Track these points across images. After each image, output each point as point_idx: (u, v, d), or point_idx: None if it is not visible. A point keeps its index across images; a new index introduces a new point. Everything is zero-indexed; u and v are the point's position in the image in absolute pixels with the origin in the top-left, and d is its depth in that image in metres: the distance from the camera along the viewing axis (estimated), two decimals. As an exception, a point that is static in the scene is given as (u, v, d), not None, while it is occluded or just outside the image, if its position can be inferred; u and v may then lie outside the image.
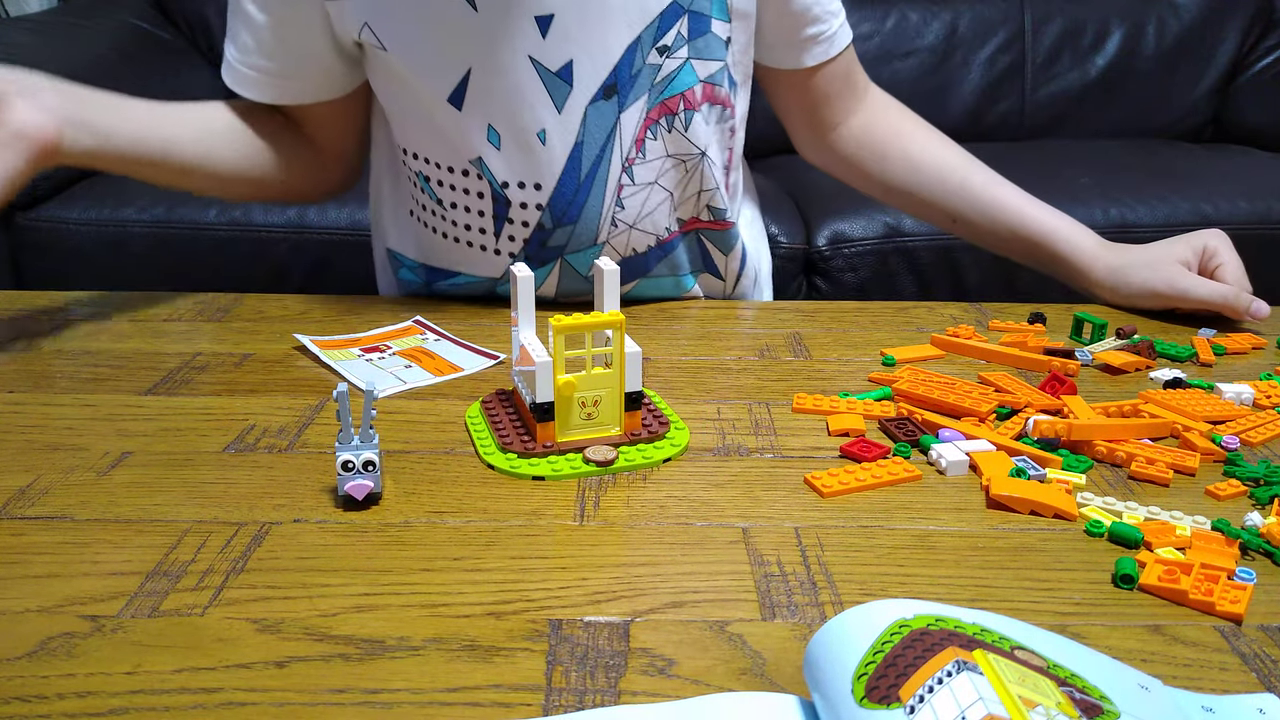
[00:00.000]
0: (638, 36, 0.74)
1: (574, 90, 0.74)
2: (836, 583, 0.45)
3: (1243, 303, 0.77)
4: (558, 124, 0.75)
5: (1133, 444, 0.57)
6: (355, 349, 0.71)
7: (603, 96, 0.75)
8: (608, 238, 0.80)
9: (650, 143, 0.78)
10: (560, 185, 0.77)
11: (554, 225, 0.78)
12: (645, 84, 0.75)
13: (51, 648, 0.39)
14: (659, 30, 0.74)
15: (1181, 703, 0.36)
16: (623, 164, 0.77)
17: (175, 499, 0.51)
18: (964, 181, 0.88)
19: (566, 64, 0.73)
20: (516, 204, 0.78)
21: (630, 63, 0.74)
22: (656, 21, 0.74)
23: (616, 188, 0.78)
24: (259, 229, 1.57)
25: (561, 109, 0.74)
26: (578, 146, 0.76)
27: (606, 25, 0.73)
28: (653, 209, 0.80)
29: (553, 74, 0.73)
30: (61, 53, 1.81)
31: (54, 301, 0.81)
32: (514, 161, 0.76)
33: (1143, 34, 2.15)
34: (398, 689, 0.38)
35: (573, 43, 0.73)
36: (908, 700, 0.31)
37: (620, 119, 0.76)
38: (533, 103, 0.74)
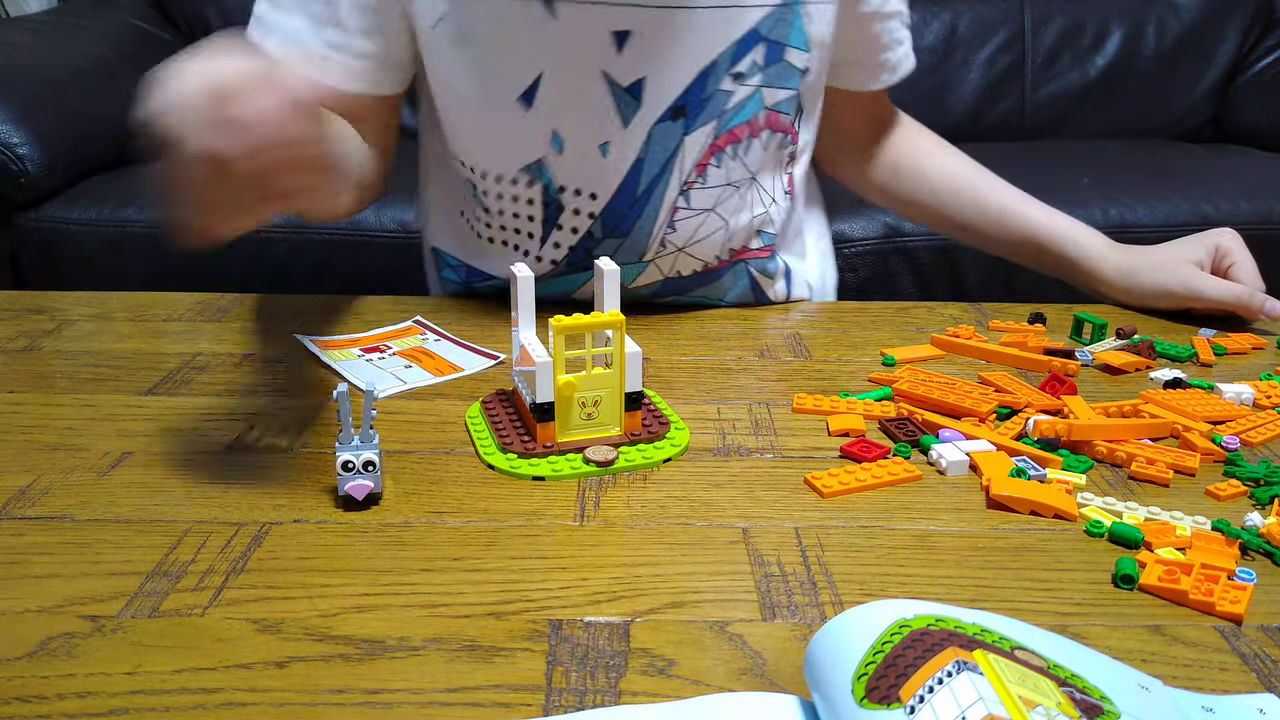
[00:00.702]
0: (713, 61, 0.73)
1: (642, 108, 0.74)
2: (836, 583, 0.45)
3: (1257, 302, 0.77)
4: (621, 138, 0.74)
5: (1133, 444, 0.57)
6: (355, 349, 0.71)
7: (670, 117, 0.74)
8: (654, 257, 0.79)
9: (713, 169, 0.77)
10: (616, 198, 0.76)
11: (604, 235, 0.78)
12: (715, 109, 0.75)
13: (52, 648, 0.39)
14: (735, 56, 0.74)
15: (1181, 703, 0.36)
16: (681, 186, 0.77)
17: (175, 499, 0.51)
18: (974, 190, 0.89)
19: (638, 81, 0.73)
20: (570, 209, 0.77)
21: (702, 87, 0.74)
22: (733, 48, 0.74)
23: (671, 209, 0.77)
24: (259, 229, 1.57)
25: (627, 124, 0.74)
26: (638, 163, 0.75)
27: (684, 47, 0.72)
28: (705, 236, 0.79)
29: (623, 89, 0.73)
30: (61, 53, 1.81)
31: (54, 301, 0.81)
32: (574, 168, 0.76)
33: (1143, 34, 2.15)
34: (398, 689, 0.38)
35: (647, 61, 0.72)
36: (908, 700, 0.31)
37: (684, 141, 0.75)
38: (599, 115, 0.74)
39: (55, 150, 1.60)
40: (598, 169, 0.75)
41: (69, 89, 1.71)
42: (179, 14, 2.13)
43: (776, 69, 0.76)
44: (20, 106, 1.58)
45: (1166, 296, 0.80)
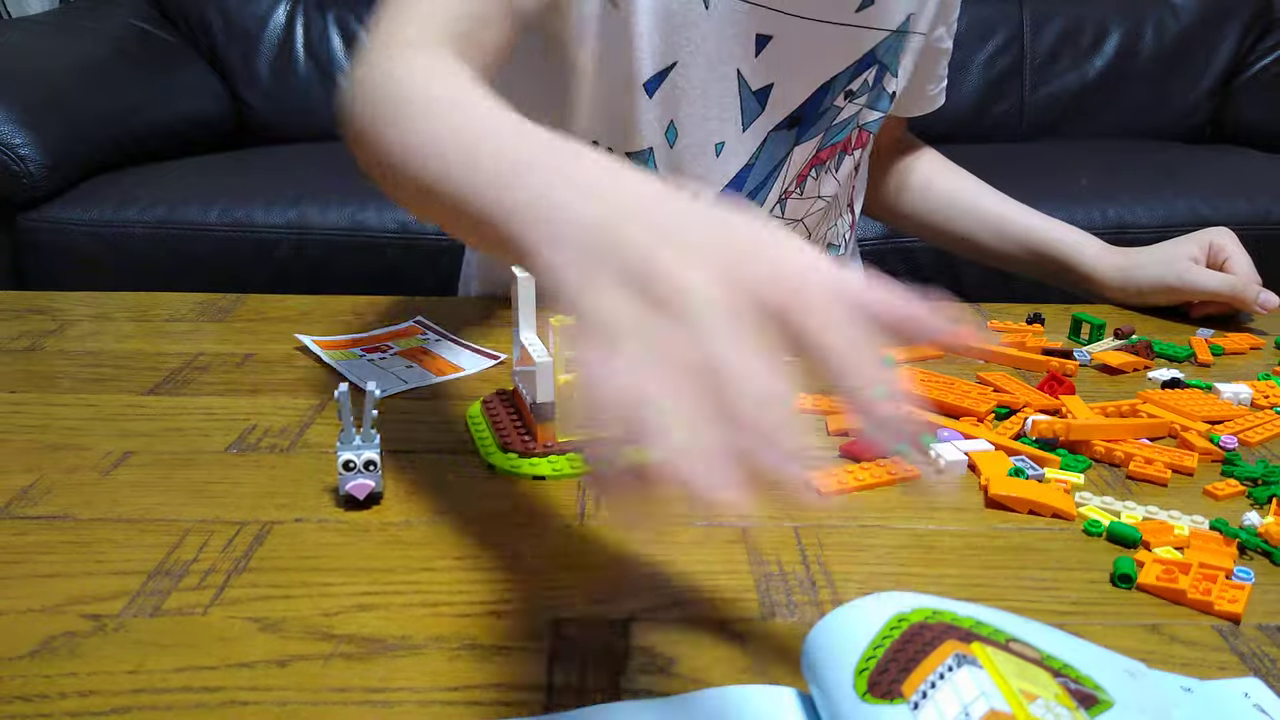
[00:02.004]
0: (834, 77, 0.75)
1: (764, 113, 0.75)
2: (836, 582, 0.45)
3: (1251, 293, 0.78)
4: (737, 141, 0.75)
5: (1131, 444, 0.57)
6: (356, 349, 0.72)
7: (786, 125, 0.75)
8: None
9: (810, 181, 0.79)
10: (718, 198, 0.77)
11: None
12: (825, 123, 0.77)
13: (54, 647, 0.40)
14: (852, 75, 0.76)
15: (1166, 686, 0.37)
16: (780, 195, 0.78)
17: (177, 499, 0.51)
18: (975, 204, 0.92)
19: (766, 86, 0.73)
20: None
21: (820, 100, 0.75)
22: (853, 67, 0.76)
23: (767, 217, 0.78)
24: (260, 229, 1.58)
25: (746, 128, 0.75)
26: (747, 167, 0.76)
27: (813, 59, 0.74)
28: None
29: (751, 92, 0.73)
30: (62, 53, 1.81)
31: (55, 302, 0.81)
32: (680, 164, 0.75)
33: (1141, 34, 2.15)
34: (399, 687, 0.38)
35: (779, 68, 0.73)
36: (911, 696, 0.31)
37: (793, 151, 0.77)
38: (722, 114, 0.74)
39: (57, 151, 1.60)
40: (707, 168, 0.75)
41: (70, 89, 1.71)
42: (179, 14, 2.13)
43: (877, 91, 0.79)
44: (22, 107, 1.58)
45: (1163, 291, 0.81)
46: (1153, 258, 0.82)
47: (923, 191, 0.94)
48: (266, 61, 2.12)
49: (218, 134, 2.02)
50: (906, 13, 0.77)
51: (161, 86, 1.90)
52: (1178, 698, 0.36)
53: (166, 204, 1.59)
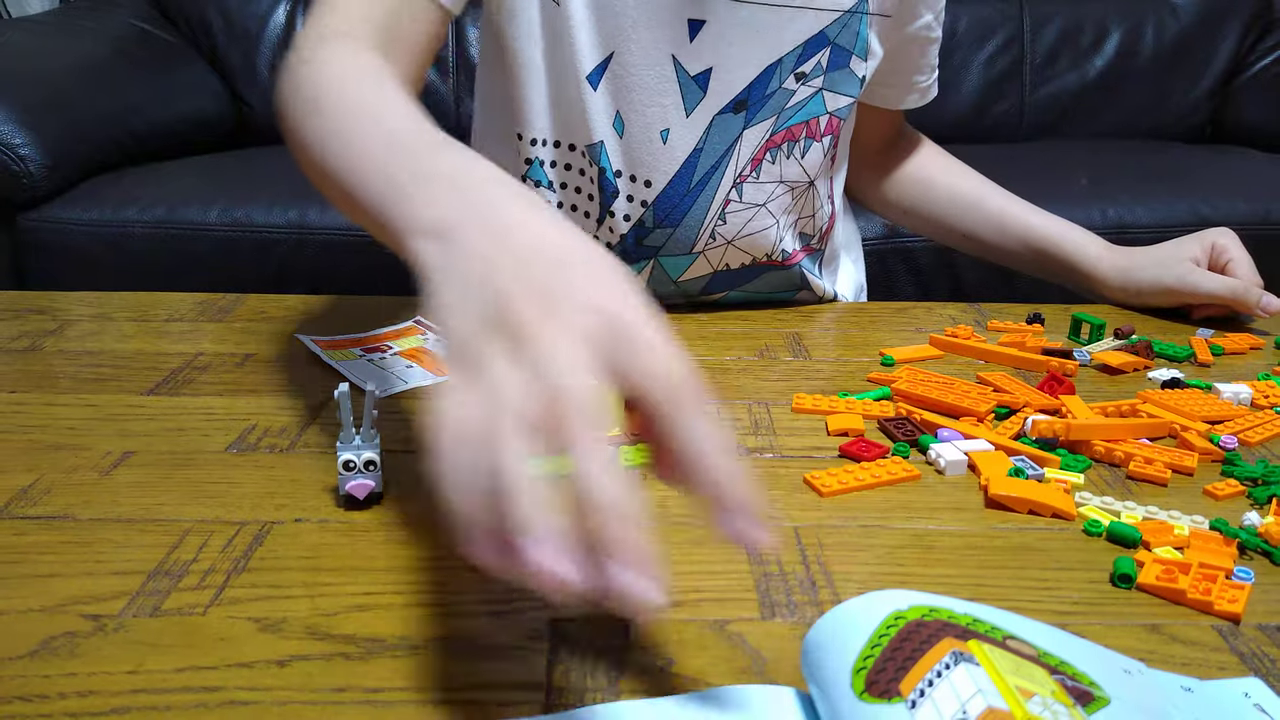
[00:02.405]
0: (779, 59, 0.75)
1: (706, 98, 0.75)
2: (836, 582, 0.45)
3: (1253, 296, 0.78)
4: (682, 127, 0.76)
5: (1131, 444, 0.57)
6: (356, 349, 0.72)
7: (732, 110, 0.76)
8: (704, 249, 0.80)
9: (767, 165, 0.78)
10: (670, 187, 0.77)
11: (654, 225, 0.79)
12: (775, 106, 0.77)
13: (53, 647, 0.40)
14: (801, 57, 0.76)
15: (1164, 685, 0.37)
16: (735, 180, 0.78)
17: (177, 498, 0.51)
18: (977, 201, 0.91)
19: (705, 71, 0.74)
20: (624, 195, 0.78)
21: (765, 83, 0.75)
22: (801, 48, 0.75)
23: (723, 202, 0.78)
24: (260, 229, 1.58)
25: (690, 113, 0.75)
26: (696, 153, 0.76)
27: (753, 42, 0.74)
28: (755, 231, 0.80)
29: (690, 78, 0.74)
30: (62, 53, 1.81)
31: (55, 301, 0.81)
32: (631, 153, 0.77)
33: (1141, 34, 2.15)
34: (399, 688, 0.38)
35: (716, 52, 0.74)
36: (908, 694, 0.31)
37: (743, 135, 0.77)
38: (664, 101, 0.75)
39: (57, 151, 1.60)
40: (655, 155, 0.76)
41: (70, 89, 1.71)
42: (179, 14, 2.13)
43: (840, 75, 0.78)
44: (22, 107, 1.58)
45: (1164, 293, 0.81)
46: (1152, 259, 0.82)
47: (924, 186, 0.94)
48: (266, 61, 2.12)
49: (218, 134, 2.02)
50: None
51: (161, 86, 1.90)
52: (1177, 697, 0.36)
53: (166, 204, 1.59)
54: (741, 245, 0.81)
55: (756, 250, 0.81)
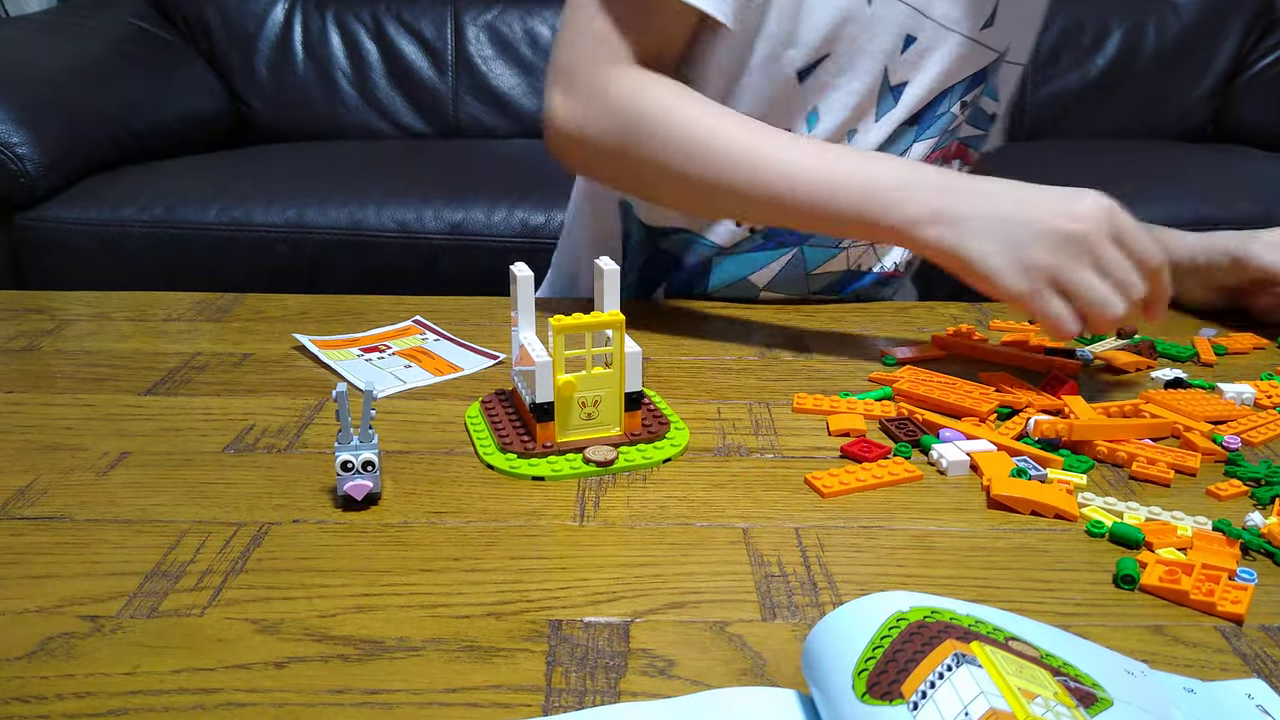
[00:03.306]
0: (954, 85, 0.79)
1: (895, 109, 0.78)
2: (837, 583, 0.45)
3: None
4: (869, 131, 0.79)
5: (1134, 444, 0.57)
6: (355, 349, 0.71)
7: (909, 122, 0.79)
8: (850, 244, 0.83)
9: None
10: None
11: None
12: (939, 127, 0.81)
13: (51, 648, 0.39)
14: (968, 87, 0.80)
15: (1168, 686, 0.37)
16: None
17: (174, 499, 0.51)
18: None
19: (902, 84, 0.78)
20: None
21: (939, 104, 0.79)
22: (969, 79, 0.80)
23: None
24: (259, 229, 1.57)
25: (879, 120, 0.79)
26: None
27: (941, 66, 0.77)
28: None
29: (890, 87, 0.77)
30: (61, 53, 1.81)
31: (53, 301, 0.81)
32: None
33: (1142, 34, 2.15)
34: (397, 689, 0.37)
35: (915, 68, 0.77)
36: (910, 696, 0.31)
37: (912, 148, 0.81)
38: (862, 105, 0.78)
39: (55, 150, 1.60)
40: None
41: (69, 89, 1.71)
42: (179, 14, 2.13)
43: (976, 111, 0.83)
44: (20, 106, 1.58)
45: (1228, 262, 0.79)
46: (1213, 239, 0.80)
47: None
48: (265, 61, 2.12)
49: (216, 133, 2.02)
50: (1009, 40, 0.81)
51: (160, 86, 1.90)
52: (1180, 698, 0.36)
53: (165, 203, 1.59)
54: (880, 251, 0.85)
55: (890, 259, 0.85)
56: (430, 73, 2.14)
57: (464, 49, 2.14)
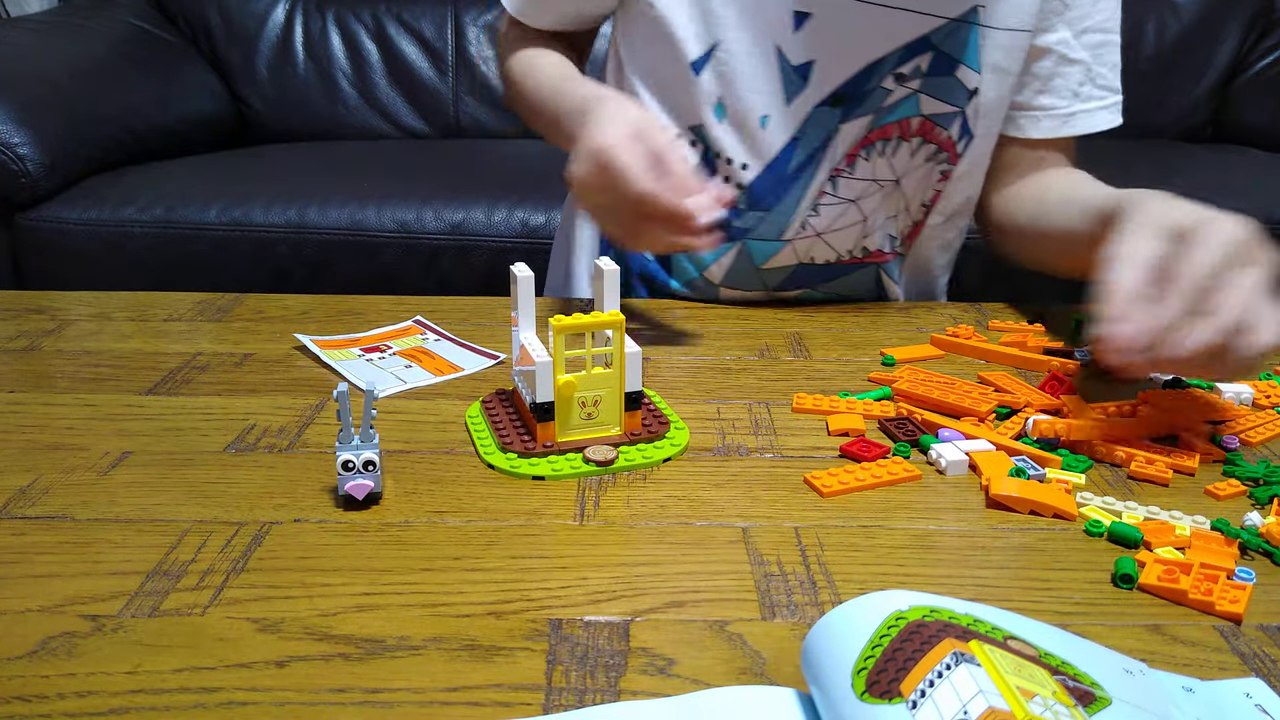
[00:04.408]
0: (881, 58, 0.75)
1: (806, 89, 0.76)
2: (836, 582, 0.45)
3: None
4: (782, 115, 0.77)
5: (1132, 444, 0.57)
6: (355, 349, 0.71)
7: (831, 103, 0.77)
8: (794, 237, 0.81)
9: (862, 162, 0.79)
10: (767, 171, 0.79)
11: (748, 207, 0.80)
12: (873, 104, 0.77)
13: (52, 647, 0.40)
14: (902, 58, 0.76)
15: (1166, 685, 0.37)
16: (830, 172, 0.79)
17: (176, 499, 0.51)
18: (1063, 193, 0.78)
19: (807, 62, 0.76)
20: (720, 176, 0.80)
21: (865, 80, 0.76)
22: (902, 50, 0.75)
23: (818, 193, 0.80)
24: (259, 229, 1.57)
25: (790, 102, 0.77)
26: (793, 142, 0.78)
27: (856, 39, 0.75)
28: (843, 226, 0.81)
29: (792, 67, 0.76)
30: (61, 53, 1.81)
31: (54, 301, 0.81)
32: (731, 137, 0.79)
33: (1142, 34, 2.15)
34: (398, 688, 0.38)
35: (819, 45, 0.75)
36: (909, 695, 0.31)
37: (840, 129, 0.78)
38: (765, 89, 0.77)
39: (56, 150, 1.60)
40: (754, 141, 0.78)
41: (69, 89, 1.70)
42: (179, 14, 2.13)
43: (942, 81, 0.77)
44: (21, 106, 1.58)
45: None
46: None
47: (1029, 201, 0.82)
48: (266, 61, 2.12)
49: (217, 134, 2.02)
50: (972, 3, 0.75)
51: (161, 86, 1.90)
52: (1178, 697, 0.36)
53: (165, 203, 1.59)
54: (830, 240, 0.82)
55: (841, 247, 0.83)
56: (430, 73, 2.14)
57: (464, 49, 2.14)
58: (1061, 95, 0.82)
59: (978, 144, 0.82)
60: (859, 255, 0.84)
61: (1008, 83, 0.79)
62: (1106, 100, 0.85)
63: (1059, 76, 0.81)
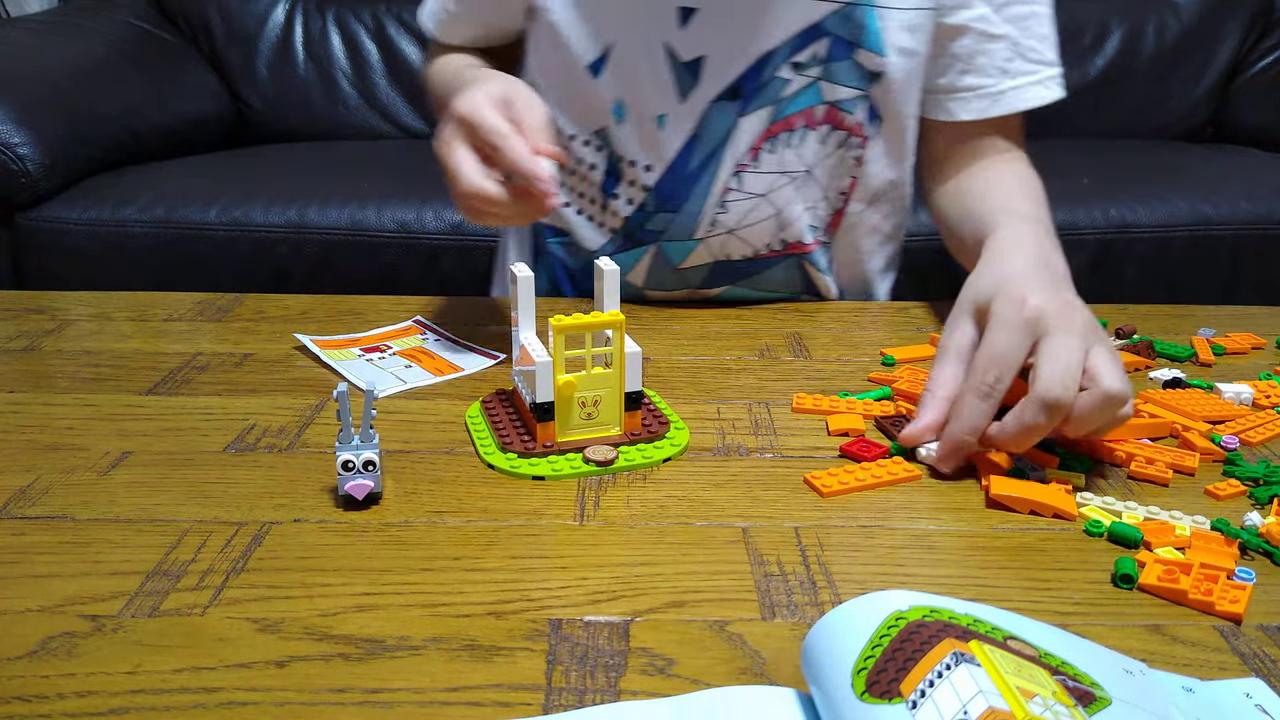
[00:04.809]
0: (774, 48, 0.74)
1: (699, 85, 0.76)
2: (836, 582, 0.45)
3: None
4: (678, 113, 0.77)
5: (1132, 444, 0.57)
6: (355, 349, 0.71)
7: (727, 97, 0.76)
8: (705, 235, 0.81)
9: (767, 155, 0.78)
10: (670, 171, 0.78)
11: (656, 209, 0.80)
12: (771, 95, 0.76)
13: (52, 647, 0.40)
14: (796, 46, 0.74)
15: (1166, 685, 0.37)
16: (734, 168, 0.78)
17: (176, 499, 0.51)
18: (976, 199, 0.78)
19: (698, 58, 0.75)
20: (626, 180, 0.80)
21: (760, 71, 0.75)
22: (796, 38, 0.74)
23: (723, 189, 0.79)
24: (259, 229, 1.57)
25: (685, 99, 0.76)
26: (693, 139, 0.77)
27: (746, 30, 0.74)
28: (756, 221, 0.80)
29: (683, 64, 0.75)
30: (61, 53, 1.81)
31: (54, 301, 0.81)
32: (632, 138, 0.79)
33: (1142, 34, 2.15)
34: (398, 688, 0.38)
35: (709, 39, 0.74)
36: (909, 695, 0.31)
37: (739, 123, 0.77)
38: (659, 87, 0.76)
39: (55, 150, 1.60)
40: (654, 141, 0.78)
41: (69, 89, 1.71)
42: (179, 14, 2.13)
43: (842, 66, 0.76)
44: (21, 106, 1.58)
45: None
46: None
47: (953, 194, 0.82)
48: (266, 61, 2.12)
49: (217, 134, 2.02)
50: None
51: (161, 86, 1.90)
52: (1179, 698, 0.36)
53: (166, 203, 1.59)
54: (743, 235, 0.81)
55: (758, 241, 0.81)
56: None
57: (464, 49, 2.14)
58: (988, 73, 0.78)
59: (888, 127, 0.79)
60: (778, 248, 0.82)
61: (916, 63, 0.77)
62: (1039, 74, 0.81)
63: (982, 54, 0.78)
